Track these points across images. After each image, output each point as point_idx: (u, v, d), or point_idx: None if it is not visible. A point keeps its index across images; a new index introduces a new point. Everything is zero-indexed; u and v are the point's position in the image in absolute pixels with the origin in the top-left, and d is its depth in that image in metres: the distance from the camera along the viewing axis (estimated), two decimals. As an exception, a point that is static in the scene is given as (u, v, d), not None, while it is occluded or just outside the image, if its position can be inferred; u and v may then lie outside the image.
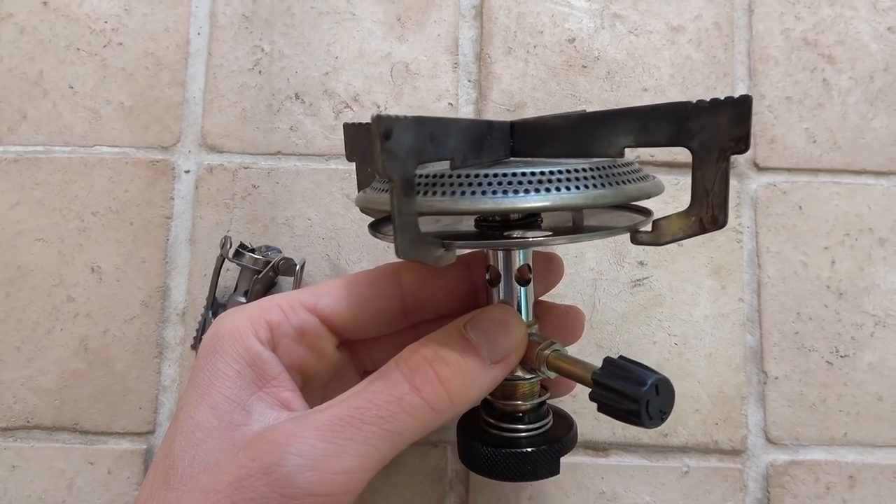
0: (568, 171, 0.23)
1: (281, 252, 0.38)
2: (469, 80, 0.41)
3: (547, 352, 0.27)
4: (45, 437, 0.38)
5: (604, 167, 0.24)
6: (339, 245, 0.39)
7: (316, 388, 0.28)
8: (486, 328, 0.26)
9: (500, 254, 0.28)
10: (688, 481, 0.37)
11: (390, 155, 0.20)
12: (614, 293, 0.39)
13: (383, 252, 0.39)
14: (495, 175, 0.23)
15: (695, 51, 0.41)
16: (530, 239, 0.27)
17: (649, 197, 0.25)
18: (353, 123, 0.29)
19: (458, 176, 0.23)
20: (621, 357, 0.25)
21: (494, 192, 0.22)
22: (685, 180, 0.40)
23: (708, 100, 0.22)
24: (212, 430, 0.24)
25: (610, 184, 0.23)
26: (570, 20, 0.41)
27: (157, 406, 0.38)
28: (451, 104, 0.40)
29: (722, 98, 0.22)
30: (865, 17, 0.41)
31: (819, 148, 0.40)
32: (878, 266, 0.39)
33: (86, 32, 0.41)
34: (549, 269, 0.31)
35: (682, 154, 0.40)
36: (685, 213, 0.23)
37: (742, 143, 0.21)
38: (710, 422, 0.38)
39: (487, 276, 0.29)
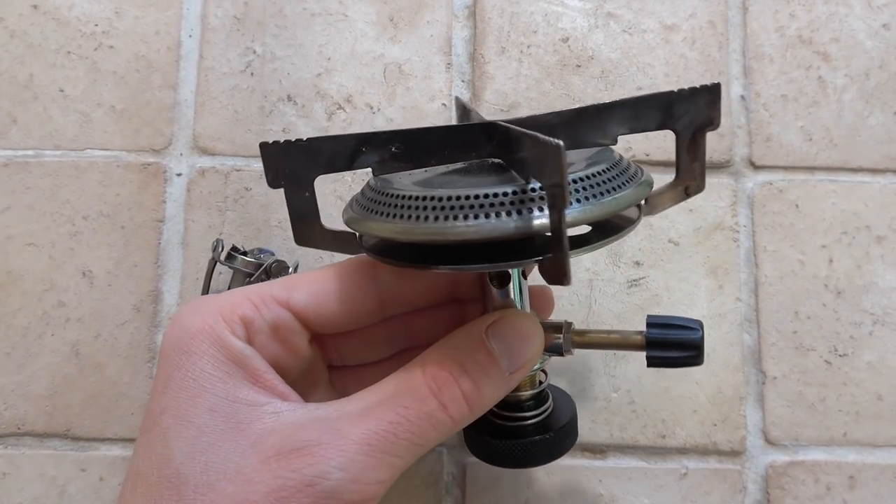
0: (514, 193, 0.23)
1: (274, 255, 0.38)
2: (463, 81, 0.41)
3: (569, 335, 0.29)
4: (36, 443, 0.37)
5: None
6: (333, 247, 0.39)
7: (288, 383, 0.27)
8: (508, 338, 0.26)
9: None
10: (687, 483, 0.37)
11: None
12: (611, 293, 0.38)
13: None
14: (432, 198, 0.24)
15: (689, 49, 0.41)
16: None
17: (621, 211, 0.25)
18: (276, 143, 0.26)
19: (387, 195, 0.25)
20: (650, 316, 0.28)
21: (437, 218, 0.23)
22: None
23: (687, 88, 0.26)
24: (220, 433, 0.24)
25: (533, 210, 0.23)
26: (563, 19, 0.41)
27: (149, 411, 0.38)
28: (444, 104, 0.40)
29: (698, 87, 0.26)
30: (860, 15, 0.41)
31: (815, 146, 0.40)
32: (875, 264, 0.39)
33: (76, 36, 0.41)
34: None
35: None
36: (672, 186, 0.27)
37: (716, 120, 0.26)
38: (709, 423, 0.37)
39: (489, 277, 0.29)
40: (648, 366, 0.29)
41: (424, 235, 0.23)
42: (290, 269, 0.37)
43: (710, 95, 0.26)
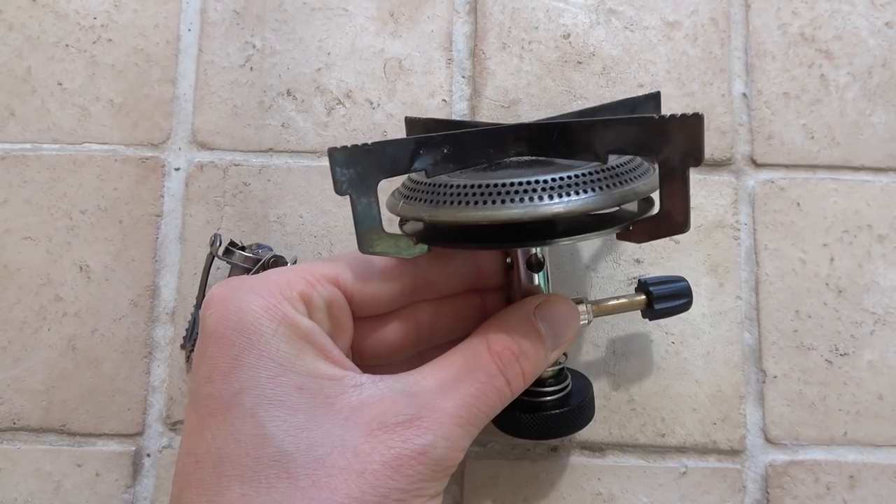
0: (555, 180, 0.26)
1: (272, 250, 0.38)
2: (463, 77, 0.40)
3: (589, 305, 0.32)
4: (31, 438, 0.37)
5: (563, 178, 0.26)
6: (332, 243, 0.39)
7: None
8: (553, 320, 0.29)
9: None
10: (686, 482, 0.36)
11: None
12: (611, 291, 0.38)
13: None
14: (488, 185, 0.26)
15: (691, 46, 0.40)
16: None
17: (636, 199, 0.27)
18: (344, 147, 0.26)
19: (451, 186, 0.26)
20: (640, 280, 0.34)
21: (485, 203, 0.25)
22: (695, 176, 0.39)
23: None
24: (313, 409, 0.24)
25: (594, 189, 0.26)
26: (564, 16, 0.41)
27: (145, 407, 0.37)
28: (444, 100, 0.40)
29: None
30: (863, 13, 0.41)
31: (817, 144, 0.40)
32: (877, 263, 0.38)
33: (75, 29, 0.40)
34: None
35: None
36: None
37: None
38: (708, 421, 0.37)
39: (526, 263, 0.31)
40: (653, 319, 0.33)
41: (548, 212, 0.25)
42: (289, 265, 0.37)
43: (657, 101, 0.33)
